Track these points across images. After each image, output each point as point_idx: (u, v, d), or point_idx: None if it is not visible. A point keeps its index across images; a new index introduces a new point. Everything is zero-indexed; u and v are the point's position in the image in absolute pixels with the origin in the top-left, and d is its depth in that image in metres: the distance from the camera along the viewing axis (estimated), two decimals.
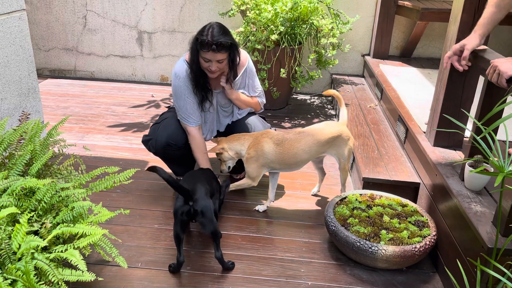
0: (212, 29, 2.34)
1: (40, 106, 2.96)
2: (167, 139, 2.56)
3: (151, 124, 3.75)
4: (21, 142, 2.17)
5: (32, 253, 1.60)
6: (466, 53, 2.09)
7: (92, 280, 1.62)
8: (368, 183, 2.64)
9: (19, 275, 1.50)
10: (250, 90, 2.70)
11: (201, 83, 2.51)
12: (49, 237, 1.65)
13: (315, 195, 2.83)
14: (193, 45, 2.39)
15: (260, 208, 2.62)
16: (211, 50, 2.31)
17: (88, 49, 4.82)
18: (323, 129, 2.51)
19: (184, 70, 2.52)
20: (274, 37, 3.59)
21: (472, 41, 2.08)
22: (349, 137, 2.55)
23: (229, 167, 2.54)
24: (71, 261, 1.60)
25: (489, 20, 2.07)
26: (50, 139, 2.23)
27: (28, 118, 2.40)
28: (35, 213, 1.78)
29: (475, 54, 2.12)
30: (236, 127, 2.73)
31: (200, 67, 2.44)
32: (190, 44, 2.42)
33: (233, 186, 2.54)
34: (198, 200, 2.02)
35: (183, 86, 2.52)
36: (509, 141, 2.24)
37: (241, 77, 2.63)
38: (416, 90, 3.54)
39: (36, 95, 2.89)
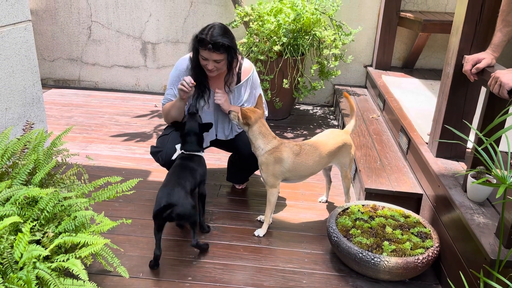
0: (213, 29, 2.37)
1: (44, 116, 2.98)
2: None
3: (156, 135, 3.79)
4: (24, 152, 2.19)
5: (34, 263, 1.60)
6: (481, 66, 2.12)
7: None
8: (371, 194, 2.63)
9: (21, 284, 1.50)
10: (253, 100, 2.71)
11: (200, 80, 2.53)
12: (51, 246, 1.65)
13: (324, 202, 2.85)
14: (193, 42, 2.43)
15: (260, 232, 2.50)
16: (207, 49, 2.34)
17: (93, 60, 4.86)
18: (330, 138, 2.51)
19: (184, 64, 2.58)
20: (277, 48, 3.61)
21: (488, 60, 2.12)
22: (351, 145, 2.56)
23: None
24: (72, 270, 1.60)
25: (506, 39, 2.11)
26: (54, 149, 2.24)
27: (32, 127, 2.41)
28: (37, 222, 1.79)
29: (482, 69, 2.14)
30: (236, 138, 2.74)
31: (200, 65, 2.47)
32: (191, 41, 2.46)
33: (268, 214, 2.47)
34: (178, 206, 2.08)
35: (176, 77, 2.59)
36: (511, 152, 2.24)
37: (244, 86, 2.64)
38: (418, 101, 3.55)
39: (40, 105, 2.91)
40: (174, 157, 2.44)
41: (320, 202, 2.85)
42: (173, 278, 2.14)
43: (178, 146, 2.47)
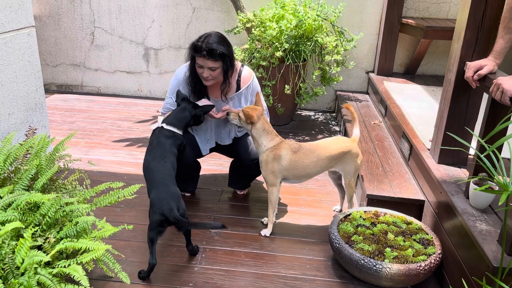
0: (209, 37, 2.38)
1: (47, 121, 2.98)
2: None
3: None
4: (27, 157, 2.19)
5: (35, 268, 1.60)
6: (483, 72, 2.12)
7: None
8: (373, 200, 2.63)
9: None
10: None
11: (197, 88, 2.54)
12: (53, 252, 1.65)
13: (338, 211, 2.82)
14: (189, 49, 2.44)
15: (266, 232, 2.55)
16: (202, 56, 2.35)
17: (95, 65, 4.88)
18: (334, 143, 2.51)
19: (183, 73, 2.59)
20: (278, 54, 3.62)
21: (490, 67, 2.12)
22: (358, 154, 2.53)
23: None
24: (74, 276, 1.60)
25: (508, 45, 2.11)
26: (56, 154, 2.24)
27: (34, 133, 2.42)
28: (39, 228, 1.79)
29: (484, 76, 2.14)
30: (237, 144, 2.74)
31: (197, 73, 2.48)
32: (188, 49, 2.47)
33: (270, 213, 2.51)
34: (176, 218, 2.06)
35: (175, 86, 2.60)
36: None
37: (244, 94, 2.65)
38: (420, 107, 3.55)
39: (43, 110, 2.92)
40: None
41: (334, 211, 2.82)
42: (175, 284, 2.14)
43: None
